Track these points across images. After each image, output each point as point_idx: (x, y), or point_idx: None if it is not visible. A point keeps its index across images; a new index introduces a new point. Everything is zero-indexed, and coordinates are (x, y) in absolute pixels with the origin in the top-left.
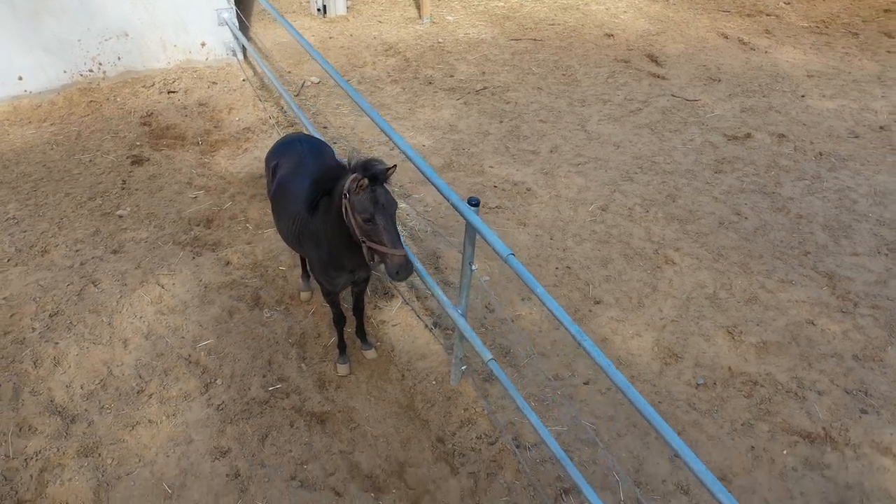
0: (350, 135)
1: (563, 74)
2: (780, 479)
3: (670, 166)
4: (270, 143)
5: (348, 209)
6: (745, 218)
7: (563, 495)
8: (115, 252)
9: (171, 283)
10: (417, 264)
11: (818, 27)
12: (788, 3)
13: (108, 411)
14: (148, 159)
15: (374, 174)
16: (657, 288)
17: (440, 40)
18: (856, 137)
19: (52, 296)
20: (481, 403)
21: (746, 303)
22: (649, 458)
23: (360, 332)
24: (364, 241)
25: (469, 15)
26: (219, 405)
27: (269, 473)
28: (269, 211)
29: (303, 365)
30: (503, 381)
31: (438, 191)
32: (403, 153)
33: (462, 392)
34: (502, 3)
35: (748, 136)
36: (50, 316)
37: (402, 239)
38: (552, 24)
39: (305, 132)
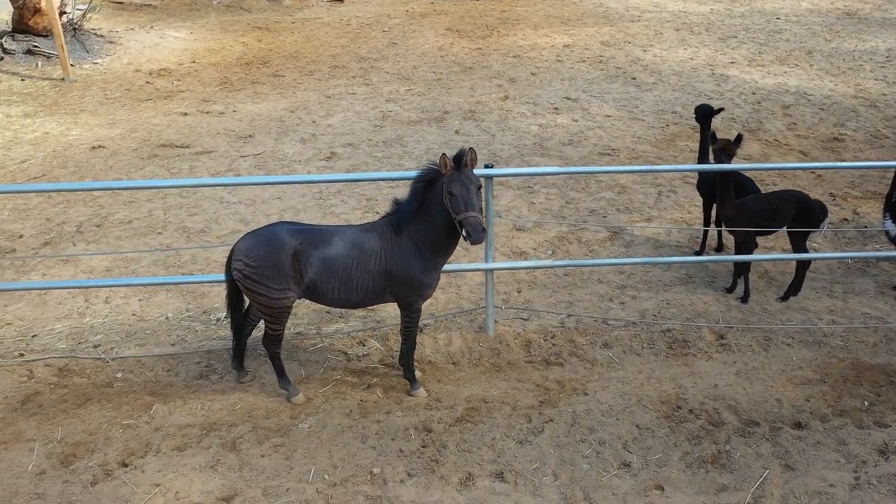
0: None
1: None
2: None
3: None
4: None
5: (445, 192)
6: None
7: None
8: None
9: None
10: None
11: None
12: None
13: None
14: None
15: (455, 157)
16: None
17: None
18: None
19: None
20: (517, 326)
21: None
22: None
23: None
24: (455, 216)
25: None
26: (409, 474)
27: (494, 451)
28: (109, 399)
29: (398, 412)
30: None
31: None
32: None
33: (502, 332)
34: None
35: (332, 154)
36: None
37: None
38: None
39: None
